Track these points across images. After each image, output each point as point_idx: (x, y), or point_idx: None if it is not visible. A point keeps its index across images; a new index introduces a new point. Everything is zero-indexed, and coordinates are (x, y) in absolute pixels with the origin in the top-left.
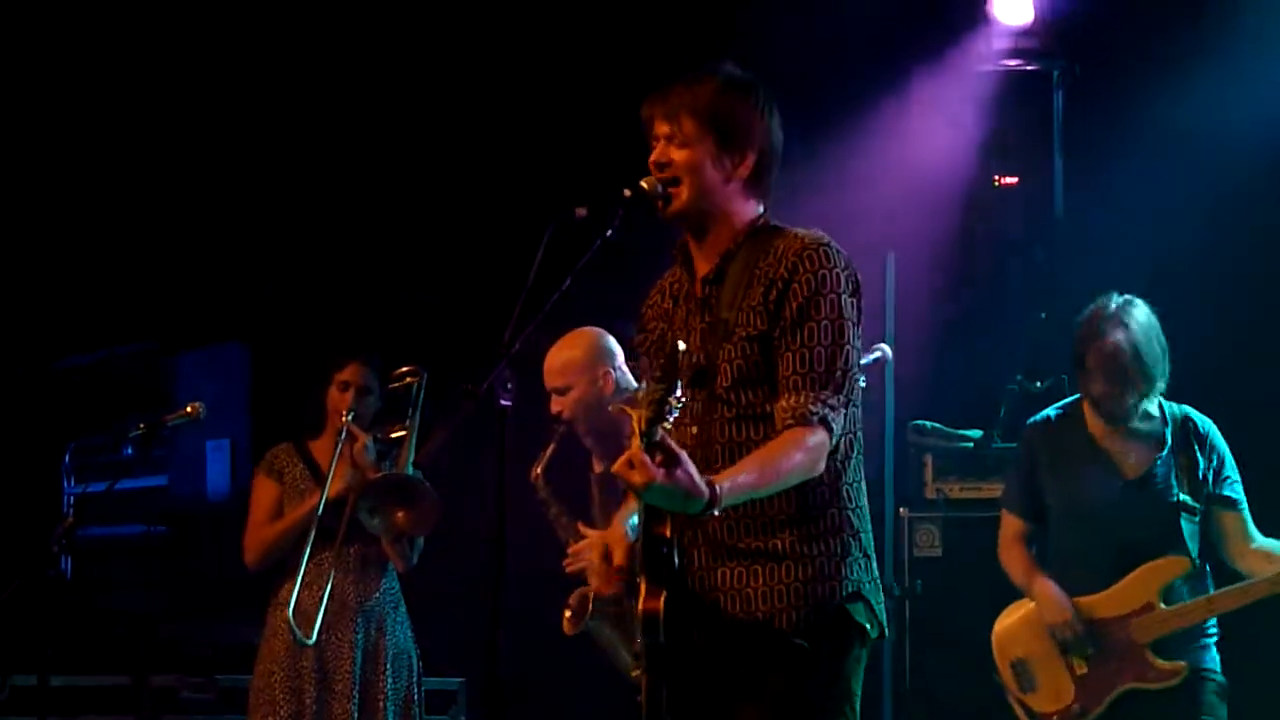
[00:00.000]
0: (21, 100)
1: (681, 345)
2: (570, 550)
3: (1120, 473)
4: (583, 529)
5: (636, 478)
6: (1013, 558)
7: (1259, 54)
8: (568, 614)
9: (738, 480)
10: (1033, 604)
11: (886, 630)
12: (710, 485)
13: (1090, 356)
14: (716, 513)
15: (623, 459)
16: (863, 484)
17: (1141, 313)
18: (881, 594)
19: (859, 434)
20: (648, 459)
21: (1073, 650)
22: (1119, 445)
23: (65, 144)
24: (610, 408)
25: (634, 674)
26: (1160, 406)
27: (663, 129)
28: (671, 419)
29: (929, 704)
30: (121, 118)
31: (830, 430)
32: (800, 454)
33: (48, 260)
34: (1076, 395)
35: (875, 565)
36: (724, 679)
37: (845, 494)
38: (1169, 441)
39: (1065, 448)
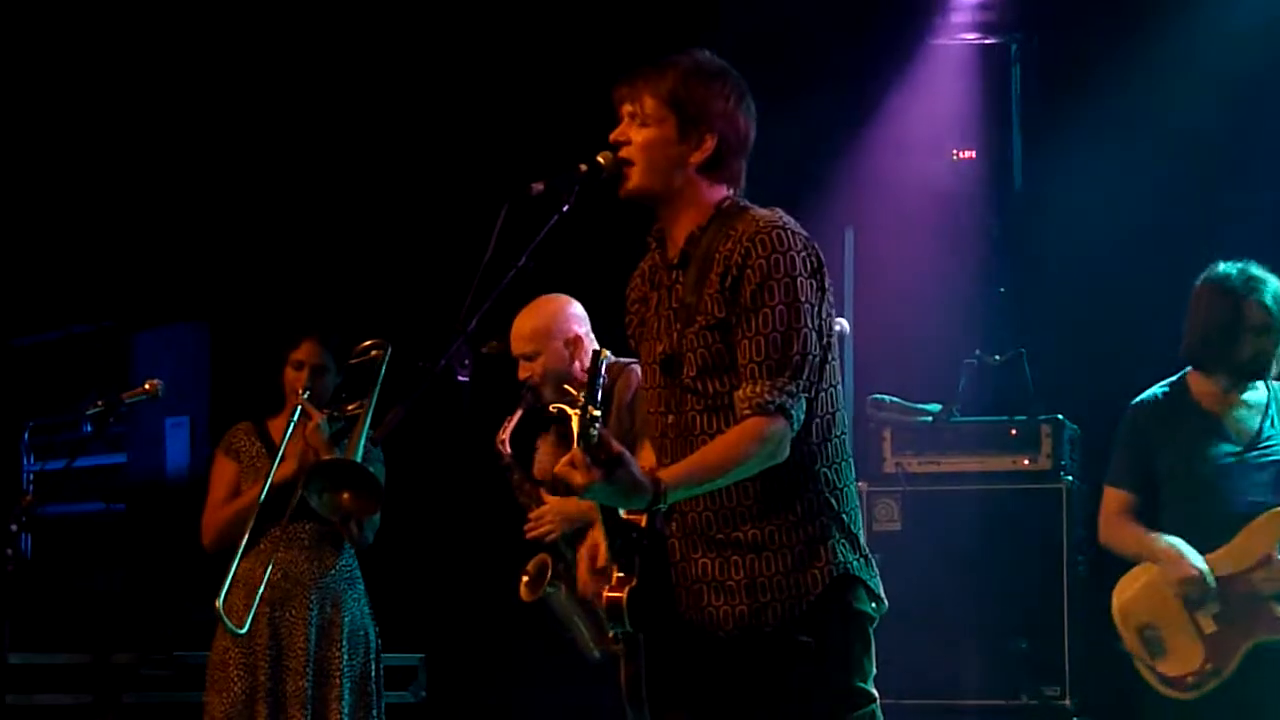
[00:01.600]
0: None
1: (607, 355)
2: (530, 516)
3: (1233, 438)
4: (544, 495)
5: (577, 478)
6: (1123, 530)
7: (1217, 27)
8: (525, 579)
9: (684, 473)
10: (1152, 570)
11: (885, 604)
12: (655, 480)
13: (1249, 315)
14: (663, 507)
15: (564, 460)
16: (846, 464)
17: (1264, 271)
18: (874, 569)
19: (839, 413)
20: (587, 459)
21: (1202, 607)
22: (1229, 413)
23: (23, 123)
24: (550, 408)
25: (614, 648)
26: None
27: (626, 108)
28: (595, 432)
29: (890, 676)
30: (81, 96)
31: (789, 417)
32: (755, 444)
33: (5, 239)
34: (1179, 373)
35: (863, 542)
36: (721, 675)
37: (822, 477)
38: (1272, 406)
39: (1178, 421)
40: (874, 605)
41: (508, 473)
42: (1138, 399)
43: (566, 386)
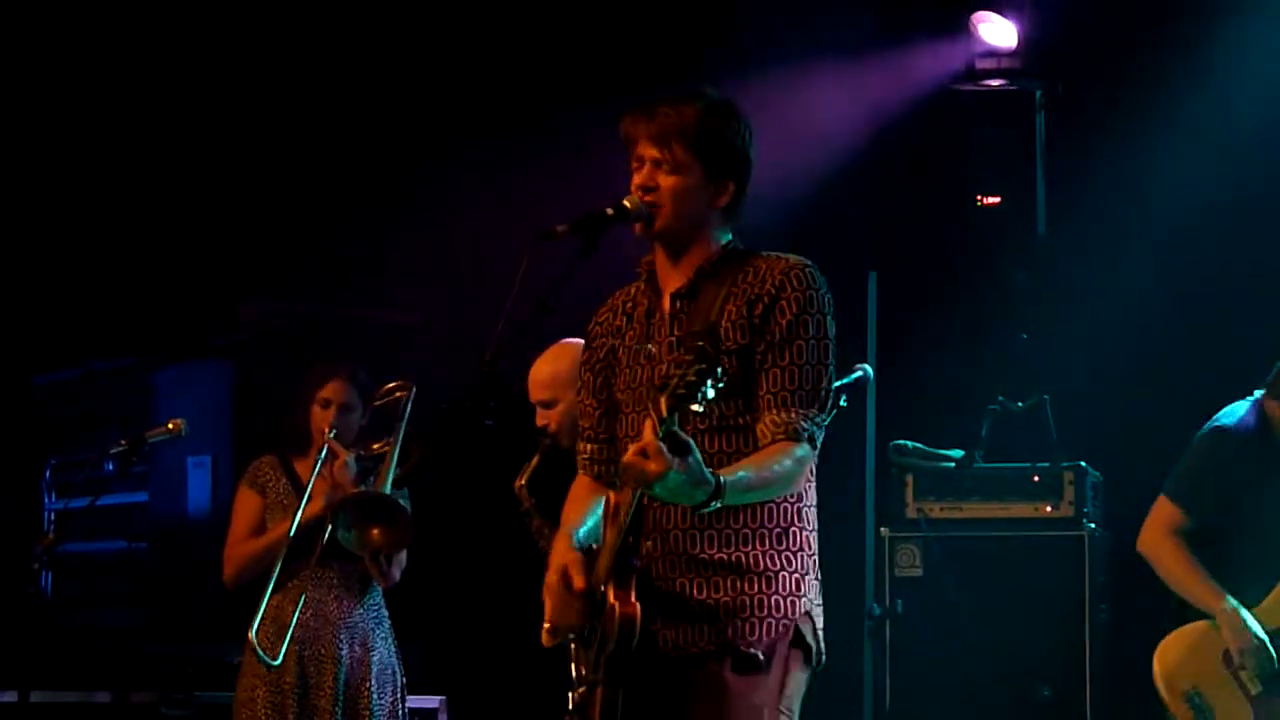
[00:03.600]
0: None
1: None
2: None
3: None
4: None
5: (653, 466)
6: (1174, 553)
7: (1243, 73)
8: (547, 626)
9: (740, 473)
10: (1193, 635)
11: (823, 660)
12: (715, 475)
13: None
14: (719, 504)
15: (634, 448)
16: (815, 509)
17: None
18: (823, 621)
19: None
20: (664, 447)
21: (1259, 671)
22: None
23: (45, 160)
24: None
25: (574, 693)
26: None
27: (650, 152)
28: (702, 404)
29: None
30: (101, 133)
31: (815, 448)
32: (791, 463)
33: (26, 276)
34: (1260, 409)
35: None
36: (678, 684)
37: (805, 515)
38: None
39: (1261, 460)
40: (818, 653)
41: (526, 518)
42: (1225, 423)
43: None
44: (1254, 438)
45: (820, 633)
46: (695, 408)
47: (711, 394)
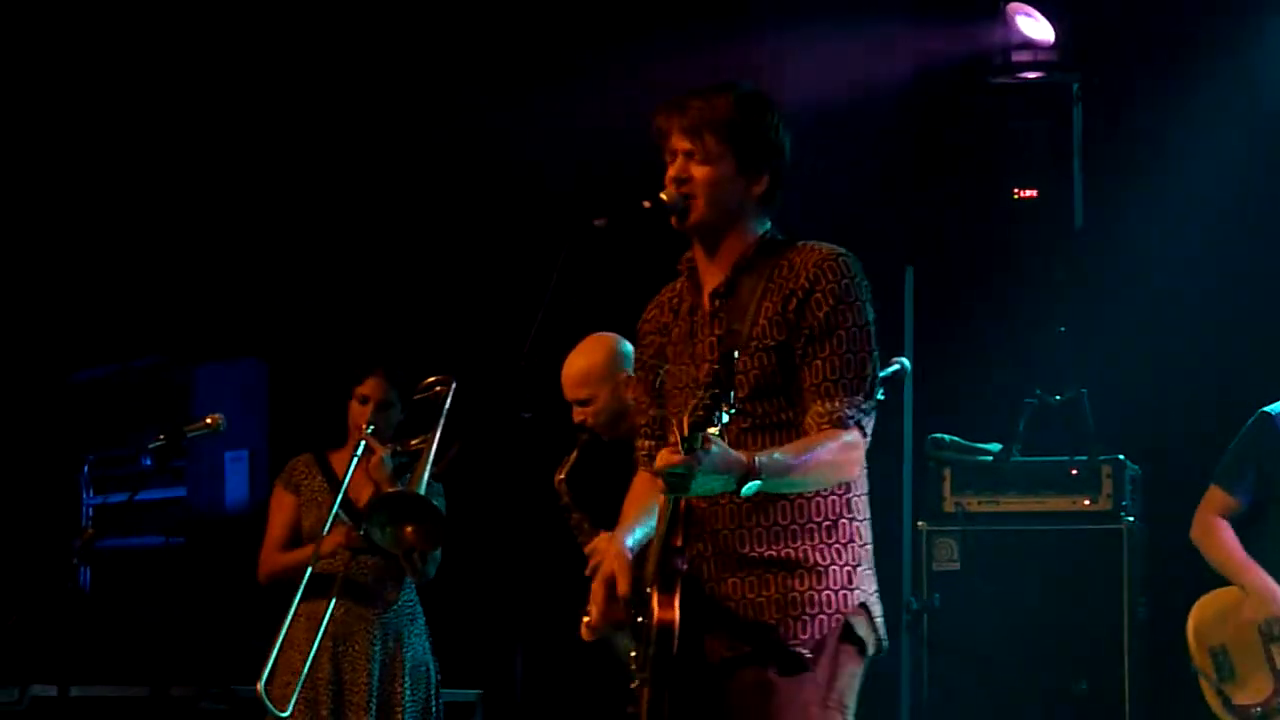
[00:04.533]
0: (35, 114)
1: (736, 354)
2: (587, 552)
3: None
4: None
5: (677, 461)
6: (1220, 538)
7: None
8: (586, 620)
9: (774, 456)
10: (1236, 596)
11: (885, 646)
12: (748, 456)
13: None
14: (758, 485)
15: (663, 453)
16: (867, 497)
17: None
18: (881, 608)
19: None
20: (683, 451)
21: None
22: None
23: (82, 159)
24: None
25: (632, 685)
26: None
27: (682, 144)
28: (718, 426)
29: (950, 716)
30: (139, 132)
31: (865, 435)
32: (838, 450)
33: (63, 274)
34: None
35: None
36: (726, 684)
37: (855, 505)
38: None
39: None
40: (875, 644)
41: (566, 513)
42: (1272, 409)
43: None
44: None
45: (877, 621)
46: (712, 430)
47: (725, 419)
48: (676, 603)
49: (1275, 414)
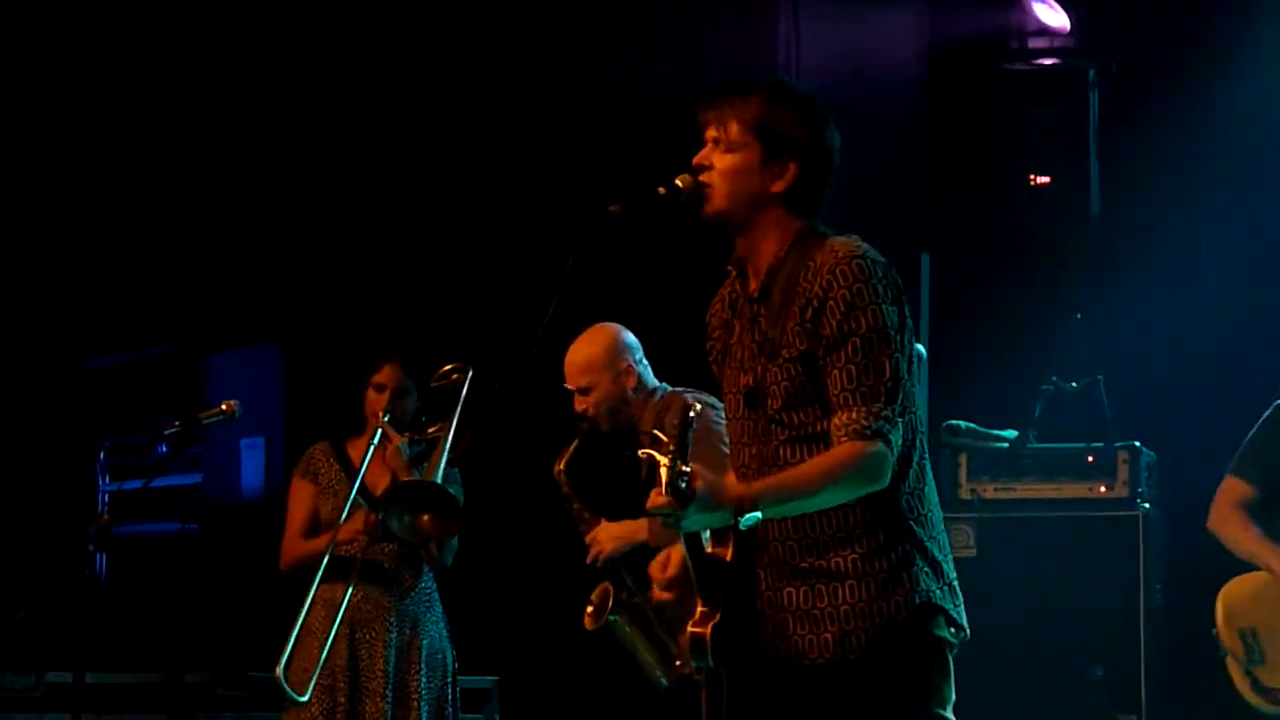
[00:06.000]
0: (48, 102)
1: (694, 409)
2: (588, 541)
3: None
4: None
5: (663, 503)
6: (1237, 526)
7: None
8: (589, 609)
9: (773, 485)
10: (1265, 576)
11: (968, 632)
12: (742, 491)
13: None
14: (759, 515)
15: (652, 495)
16: (929, 489)
17: None
18: (959, 597)
19: (919, 438)
20: (670, 494)
21: None
22: None
23: (95, 146)
24: (640, 453)
25: (695, 676)
26: None
27: (711, 132)
28: (685, 484)
29: (965, 703)
30: (152, 118)
31: (889, 443)
32: (849, 467)
33: (79, 262)
34: None
35: (950, 568)
36: (806, 707)
37: (905, 504)
38: None
39: None
40: (953, 631)
41: (566, 503)
42: None
43: (657, 433)
44: None
45: (954, 613)
46: (683, 482)
47: (684, 485)
48: (715, 617)
49: None
